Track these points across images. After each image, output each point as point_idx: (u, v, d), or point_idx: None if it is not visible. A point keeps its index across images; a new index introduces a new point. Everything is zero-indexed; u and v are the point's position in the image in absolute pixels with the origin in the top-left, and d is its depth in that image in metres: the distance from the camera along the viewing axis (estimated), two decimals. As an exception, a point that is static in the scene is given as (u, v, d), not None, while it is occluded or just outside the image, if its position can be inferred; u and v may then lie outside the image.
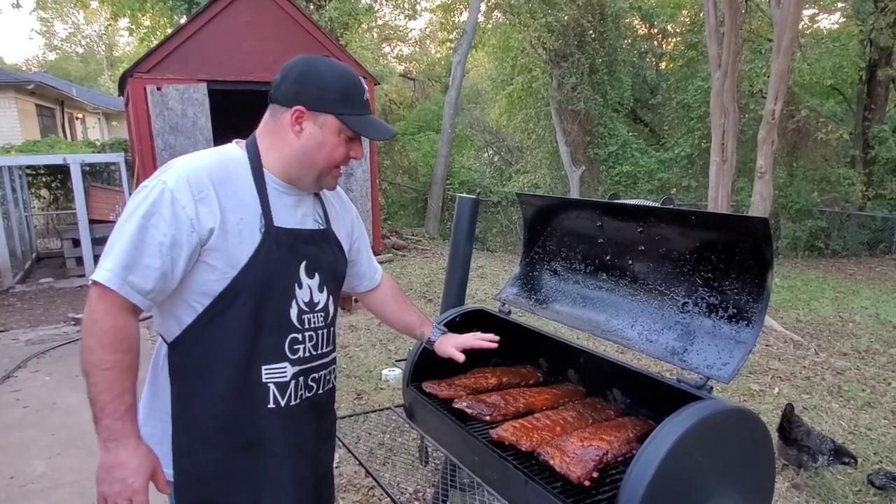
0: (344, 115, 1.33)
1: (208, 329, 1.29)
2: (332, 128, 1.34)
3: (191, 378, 1.31)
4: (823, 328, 6.40)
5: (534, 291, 2.15)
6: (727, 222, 1.58)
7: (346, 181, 9.58)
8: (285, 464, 1.38)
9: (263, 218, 1.32)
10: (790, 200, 12.35)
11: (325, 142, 1.34)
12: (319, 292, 1.42)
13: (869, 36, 12.36)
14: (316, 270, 1.41)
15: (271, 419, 1.35)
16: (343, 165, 1.40)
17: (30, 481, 3.30)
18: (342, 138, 1.35)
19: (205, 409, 1.31)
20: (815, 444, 3.15)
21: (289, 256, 1.35)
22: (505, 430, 1.63)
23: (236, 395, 1.31)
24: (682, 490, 1.23)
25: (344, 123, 1.33)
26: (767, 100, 6.46)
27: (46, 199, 12.04)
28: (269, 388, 1.34)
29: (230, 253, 1.27)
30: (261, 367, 1.33)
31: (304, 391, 1.42)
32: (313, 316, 1.41)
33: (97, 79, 38.68)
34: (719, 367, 1.44)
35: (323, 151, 1.35)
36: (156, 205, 1.21)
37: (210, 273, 1.27)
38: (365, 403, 4.17)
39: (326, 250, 1.46)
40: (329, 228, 1.49)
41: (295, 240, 1.37)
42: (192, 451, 1.32)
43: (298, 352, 1.38)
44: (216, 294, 1.28)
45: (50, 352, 5.49)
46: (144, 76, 8.07)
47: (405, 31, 26.42)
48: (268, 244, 1.31)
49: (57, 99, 20.31)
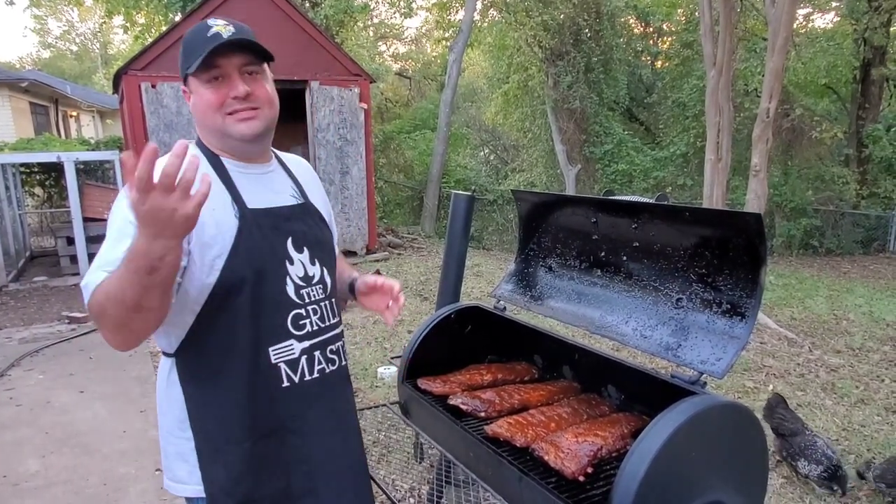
0: (189, 67, 1.29)
1: (211, 326, 1.28)
2: (195, 85, 1.32)
3: (203, 381, 1.30)
4: (818, 326, 6.43)
5: (529, 288, 2.15)
6: (721, 218, 1.58)
7: (342, 179, 9.57)
8: (309, 441, 1.37)
9: (235, 203, 1.30)
10: (785, 199, 12.40)
11: (198, 102, 1.32)
12: (312, 265, 1.41)
13: (863, 35, 12.42)
14: (304, 244, 1.40)
15: (288, 398, 1.34)
16: (235, 109, 1.30)
17: (23, 480, 3.29)
18: (206, 87, 1.30)
19: (223, 408, 1.29)
20: (801, 448, 3.12)
21: (273, 235, 1.34)
22: (500, 427, 1.62)
23: (250, 383, 1.30)
24: (675, 484, 1.23)
25: (190, 75, 1.29)
26: (762, 98, 6.48)
27: (40, 197, 11.98)
28: (281, 368, 1.33)
29: (213, 245, 1.25)
30: (268, 350, 1.31)
31: (326, 365, 1.41)
32: (312, 289, 1.40)
33: (91, 77, 38.52)
34: (713, 362, 1.44)
35: (201, 109, 1.33)
36: (126, 215, 1.19)
37: (199, 270, 1.26)
38: (360, 401, 4.17)
39: (310, 223, 1.44)
40: (308, 201, 1.47)
41: (276, 218, 1.36)
42: (220, 455, 1.30)
43: (305, 327, 1.37)
44: (210, 289, 1.26)
45: (43, 350, 5.47)
46: (139, 74, 8.04)
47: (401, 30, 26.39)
48: (247, 228, 1.29)
49: (51, 97, 20.22)
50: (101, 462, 3.47)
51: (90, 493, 3.16)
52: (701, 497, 1.27)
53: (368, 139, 9.79)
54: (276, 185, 1.42)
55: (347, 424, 1.51)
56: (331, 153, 9.39)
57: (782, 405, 3.33)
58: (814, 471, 3.05)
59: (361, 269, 1.83)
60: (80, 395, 4.43)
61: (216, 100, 1.30)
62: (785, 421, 3.25)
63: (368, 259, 9.72)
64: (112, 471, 3.37)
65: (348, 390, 1.54)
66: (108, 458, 3.51)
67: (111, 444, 3.62)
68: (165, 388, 1.35)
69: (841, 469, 3.04)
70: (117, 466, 3.41)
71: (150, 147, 0.91)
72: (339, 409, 1.47)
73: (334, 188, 9.42)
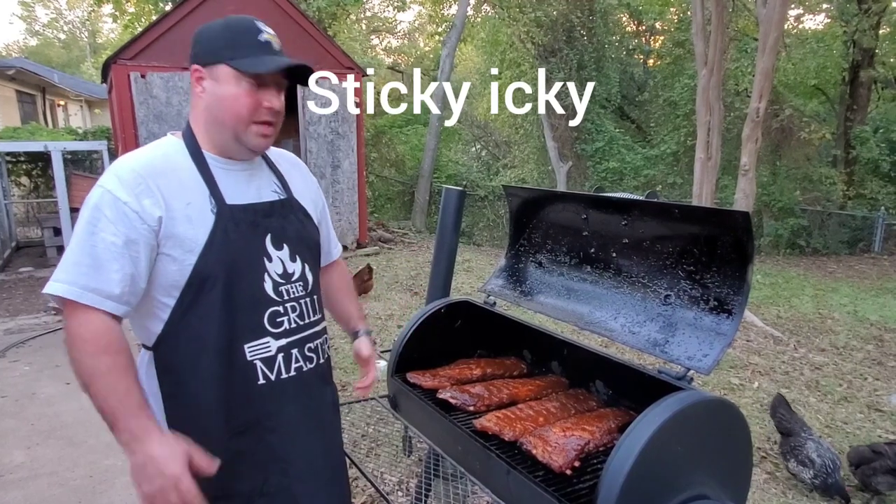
0: (233, 59, 1.25)
1: (185, 321, 1.27)
2: (227, 77, 1.26)
3: (178, 375, 1.29)
4: (803, 324, 6.50)
5: (519, 283, 2.16)
6: (709, 216, 1.59)
7: (333, 173, 9.54)
8: (285, 439, 1.37)
9: (213, 199, 1.29)
10: (773, 199, 12.51)
11: (224, 94, 1.27)
12: (292, 262, 1.40)
13: (852, 37, 12.52)
14: (283, 241, 1.39)
15: (264, 396, 1.34)
16: (264, 120, 1.31)
17: (8, 472, 3.26)
18: (244, 88, 1.27)
19: (197, 402, 1.29)
20: (791, 447, 3.14)
21: (250, 232, 1.32)
22: (488, 420, 1.64)
23: (225, 379, 1.30)
24: (660, 478, 1.25)
25: (233, 67, 1.25)
26: (752, 98, 6.53)
27: (27, 186, 11.86)
28: (256, 366, 1.33)
29: (184, 239, 1.24)
30: (243, 346, 1.31)
31: (303, 363, 1.40)
32: (291, 287, 1.39)
33: (80, 65, 38.02)
34: (700, 358, 1.46)
35: (224, 104, 1.28)
36: (98, 208, 1.20)
37: (171, 264, 1.25)
38: (350, 395, 4.17)
39: (292, 219, 1.43)
40: (291, 197, 1.46)
41: (254, 215, 1.34)
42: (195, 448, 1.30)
43: (283, 324, 1.36)
44: (183, 284, 1.25)
45: (30, 341, 5.42)
46: (128, 63, 7.95)
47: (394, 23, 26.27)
48: (223, 224, 1.28)
49: (38, 85, 19.95)
50: (86, 454, 3.45)
51: (76, 484, 3.14)
52: (685, 491, 1.29)
53: (360, 133, 9.76)
54: (257, 181, 1.40)
55: (325, 424, 1.50)
56: (322, 146, 9.35)
57: (784, 405, 3.38)
58: (802, 472, 3.04)
59: (352, 264, 1.83)
60: (67, 386, 4.39)
61: (251, 104, 1.28)
62: (784, 420, 3.29)
63: (359, 253, 9.70)
64: (98, 463, 3.35)
65: (327, 390, 1.52)
66: (93, 449, 3.49)
67: (97, 436, 3.60)
68: (144, 380, 1.33)
69: (833, 476, 2.94)
70: (103, 458, 3.39)
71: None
72: (316, 408, 1.46)
73: (325, 182, 9.39)
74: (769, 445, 3.60)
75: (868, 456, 3.01)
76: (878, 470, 2.93)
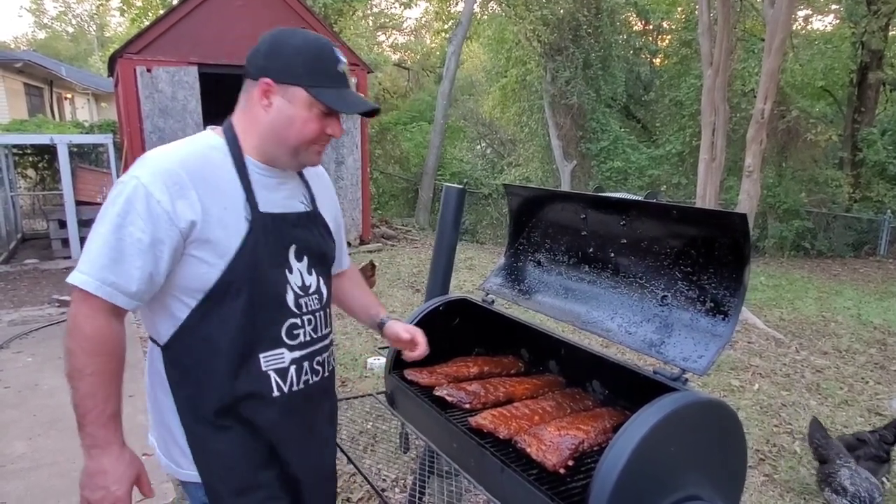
0: (313, 87, 1.25)
1: (204, 323, 1.26)
2: (302, 101, 1.26)
3: (191, 378, 1.28)
4: (806, 327, 6.48)
5: (517, 282, 2.17)
6: (707, 217, 1.59)
7: (337, 169, 9.55)
8: (288, 449, 1.37)
9: (248, 205, 1.27)
10: (778, 200, 12.46)
11: (294, 116, 1.27)
12: (309, 275, 1.40)
13: (861, 39, 12.44)
14: (304, 254, 1.38)
15: (274, 408, 1.33)
16: (322, 143, 1.34)
17: (9, 462, 3.29)
18: (314, 113, 1.27)
19: (209, 401, 1.28)
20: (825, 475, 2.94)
21: (278, 242, 1.32)
22: (484, 418, 1.64)
23: (238, 385, 1.29)
24: (653, 478, 1.25)
25: (313, 96, 1.25)
26: (757, 99, 6.50)
27: (33, 179, 11.92)
28: (270, 377, 1.32)
29: (217, 244, 1.23)
30: (259, 356, 1.30)
31: (311, 376, 1.40)
32: (309, 299, 1.39)
33: (87, 59, 38.15)
34: (695, 359, 1.46)
35: (293, 127, 1.27)
36: (130, 202, 1.17)
37: (199, 266, 1.23)
38: (349, 391, 4.18)
39: (315, 233, 1.43)
40: (315, 209, 1.46)
41: (283, 223, 1.33)
42: (211, 442, 1.29)
43: (298, 337, 1.36)
44: (209, 287, 1.24)
45: (33, 333, 5.45)
46: (135, 57, 7.98)
47: (400, 20, 26.26)
48: (256, 232, 1.27)
49: (46, 78, 20.04)
50: (88, 446, 3.47)
51: (76, 475, 3.15)
52: (678, 491, 1.29)
53: (364, 129, 9.77)
54: (288, 189, 1.39)
55: (321, 436, 1.50)
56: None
57: (820, 430, 3.13)
58: (836, 501, 2.84)
59: (355, 261, 1.85)
60: (69, 378, 4.42)
61: (318, 129, 1.29)
62: (820, 448, 3.07)
63: (362, 250, 9.72)
64: (99, 454, 3.37)
65: (327, 403, 1.52)
66: (95, 441, 3.52)
67: (99, 428, 3.62)
68: (155, 377, 1.33)
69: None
70: (104, 450, 3.41)
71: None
72: (316, 421, 1.46)
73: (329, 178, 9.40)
74: (768, 448, 3.60)
75: (853, 444, 3.10)
76: (863, 457, 3.02)
